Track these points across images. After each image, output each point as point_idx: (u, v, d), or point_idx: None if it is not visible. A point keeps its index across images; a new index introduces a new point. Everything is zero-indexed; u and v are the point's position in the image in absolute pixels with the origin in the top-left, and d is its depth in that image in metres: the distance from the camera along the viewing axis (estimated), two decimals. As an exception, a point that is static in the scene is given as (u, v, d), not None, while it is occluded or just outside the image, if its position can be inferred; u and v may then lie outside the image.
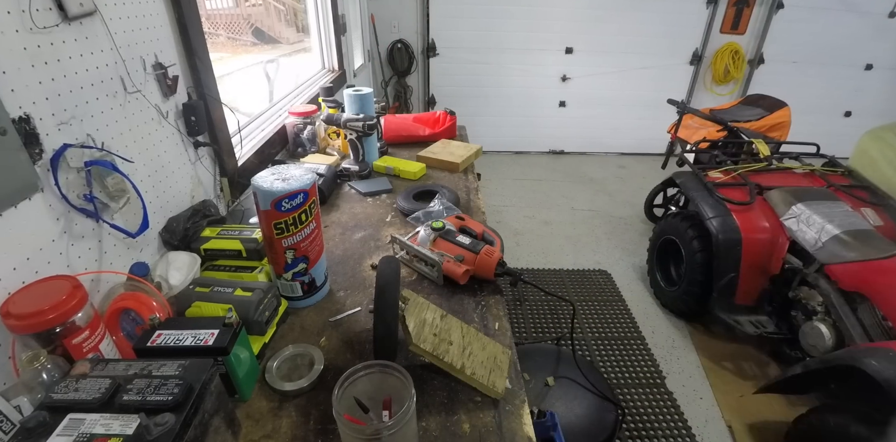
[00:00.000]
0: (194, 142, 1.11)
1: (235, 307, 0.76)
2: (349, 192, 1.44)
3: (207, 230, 1.00)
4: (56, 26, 0.71)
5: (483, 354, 0.78)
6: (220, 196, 1.25)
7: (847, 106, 4.22)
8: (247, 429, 0.69)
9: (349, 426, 0.57)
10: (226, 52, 1.97)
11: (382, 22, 3.79)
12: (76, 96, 0.75)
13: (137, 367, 0.58)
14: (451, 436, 0.69)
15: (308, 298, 0.95)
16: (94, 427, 0.49)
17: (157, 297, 0.79)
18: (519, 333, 2.15)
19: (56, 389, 0.53)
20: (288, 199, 0.81)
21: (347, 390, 0.63)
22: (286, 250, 0.87)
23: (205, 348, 0.66)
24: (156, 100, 0.97)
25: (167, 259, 0.92)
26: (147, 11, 0.93)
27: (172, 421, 0.50)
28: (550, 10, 3.75)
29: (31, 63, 0.67)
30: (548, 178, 3.85)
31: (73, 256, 0.75)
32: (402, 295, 0.79)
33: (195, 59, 1.09)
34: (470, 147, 1.68)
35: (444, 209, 1.23)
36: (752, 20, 3.83)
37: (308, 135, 1.65)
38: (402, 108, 4.10)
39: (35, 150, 0.68)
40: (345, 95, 1.61)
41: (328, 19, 2.43)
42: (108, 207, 0.81)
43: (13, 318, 0.59)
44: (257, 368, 0.78)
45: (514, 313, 2.27)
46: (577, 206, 3.39)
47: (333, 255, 1.12)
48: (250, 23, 2.13)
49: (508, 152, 4.37)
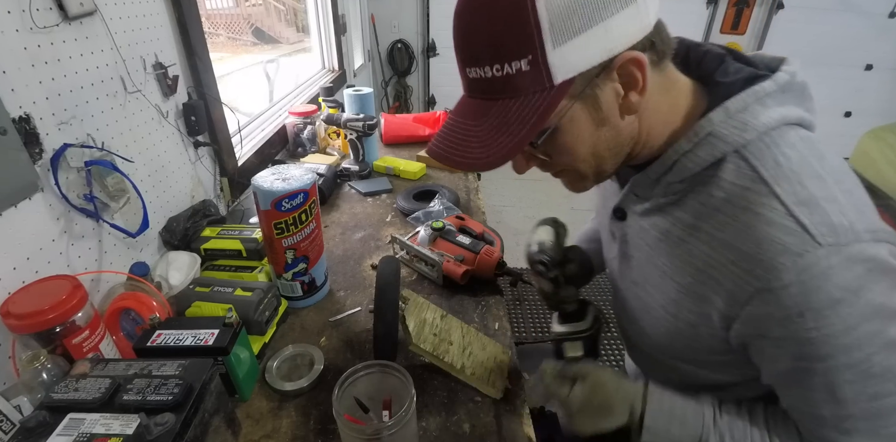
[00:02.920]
0: (194, 142, 1.11)
1: (235, 307, 0.76)
2: (349, 192, 1.44)
3: (207, 230, 1.00)
4: (56, 26, 0.71)
5: (483, 354, 0.78)
6: (220, 196, 1.25)
7: (847, 106, 4.21)
8: (247, 429, 0.69)
9: (349, 426, 0.57)
10: (226, 52, 1.97)
11: (382, 22, 3.79)
12: (76, 96, 0.75)
13: (137, 367, 0.58)
14: (451, 436, 0.69)
15: (308, 298, 0.95)
16: (94, 427, 0.49)
17: (157, 296, 0.79)
18: (519, 333, 2.15)
19: (56, 389, 0.53)
20: (288, 199, 0.81)
21: (347, 390, 0.62)
22: (286, 250, 0.87)
23: (205, 348, 0.66)
24: (156, 100, 0.97)
25: (167, 259, 0.92)
26: (147, 11, 0.93)
27: (172, 421, 0.50)
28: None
29: (31, 63, 0.67)
30: (548, 178, 3.81)
31: (73, 256, 0.75)
32: (402, 295, 0.79)
33: (195, 58, 1.09)
34: (470, 147, 1.68)
35: (444, 209, 1.23)
36: (752, 20, 3.83)
37: (308, 135, 1.65)
38: (402, 108, 4.10)
39: (35, 149, 0.68)
40: (345, 95, 1.61)
41: (328, 19, 2.43)
42: (108, 207, 0.81)
43: (13, 317, 0.59)
44: (257, 368, 0.78)
45: (514, 313, 2.27)
46: (577, 206, 3.39)
47: (333, 255, 1.12)
48: (250, 23, 2.13)
49: (508, 152, 4.37)
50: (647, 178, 0.57)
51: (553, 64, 0.45)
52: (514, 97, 0.48)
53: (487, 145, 0.49)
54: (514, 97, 0.48)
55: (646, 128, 0.54)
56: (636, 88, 0.48)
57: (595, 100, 0.49)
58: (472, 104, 0.52)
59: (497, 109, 0.49)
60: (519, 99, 0.48)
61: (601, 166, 0.56)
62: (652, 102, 0.52)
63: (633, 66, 0.47)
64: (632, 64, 0.47)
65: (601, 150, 0.54)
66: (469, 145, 0.51)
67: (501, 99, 0.49)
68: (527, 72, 0.46)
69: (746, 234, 0.48)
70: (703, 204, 0.52)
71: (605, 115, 0.50)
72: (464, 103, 0.54)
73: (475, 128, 0.51)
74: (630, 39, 0.46)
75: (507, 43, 0.45)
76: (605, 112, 0.50)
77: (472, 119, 0.51)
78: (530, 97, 0.47)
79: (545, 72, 0.46)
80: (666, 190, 0.56)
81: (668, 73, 0.53)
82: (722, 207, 0.50)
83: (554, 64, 0.45)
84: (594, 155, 0.54)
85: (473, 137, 0.50)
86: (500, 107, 0.49)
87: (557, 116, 0.49)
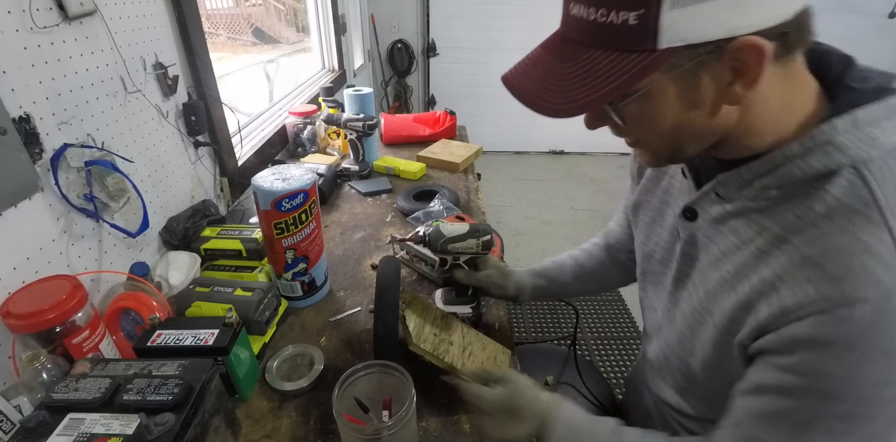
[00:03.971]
0: (194, 142, 1.11)
1: (235, 307, 0.76)
2: (349, 192, 1.44)
3: (207, 230, 1.00)
4: (56, 26, 0.71)
5: (483, 354, 0.78)
6: (220, 196, 1.25)
7: (847, 106, 4.21)
8: (247, 429, 0.69)
9: (349, 426, 0.57)
10: (226, 52, 1.97)
11: (382, 22, 3.79)
12: (76, 96, 0.75)
13: (137, 366, 0.58)
14: (451, 436, 0.69)
15: (308, 298, 0.95)
16: (94, 427, 0.49)
17: (157, 296, 0.79)
18: (519, 333, 2.15)
19: (56, 389, 0.53)
20: (288, 199, 0.81)
21: (347, 390, 0.63)
22: (286, 250, 0.87)
23: (205, 348, 0.66)
24: (156, 99, 0.97)
25: (167, 259, 0.92)
26: (147, 11, 0.93)
27: (172, 421, 0.50)
28: (550, 10, 3.73)
29: (32, 63, 0.67)
30: (548, 178, 3.85)
31: (73, 256, 0.75)
32: (403, 295, 0.79)
33: (195, 58, 1.09)
34: (470, 147, 1.68)
35: (444, 209, 1.23)
36: (752, 20, 3.82)
37: (308, 135, 1.65)
38: (402, 108, 4.10)
39: (35, 149, 0.68)
40: (345, 95, 1.61)
41: (328, 19, 2.43)
42: (108, 207, 0.81)
43: (13, 317, 0.59)
44: (257, 368, 0.78)
45: (514, 313, 2.28)
46: (577, 206, 3.39)
47: (333, 255, 1.12)
48: (250, 23, 2.13)
49: (508, 152, 4.37)
50: (737, 178, 0.51)
51: (663, 26, 0.40)
52: (611, 49, 0.44)
53: (567, 92, 0.45)
54: (611, 49, 0.44)
55: (747, 122, 0.48)
56: (746, 79, 0.43)
57: (695, 79, 0.44)
58: (563, 42, 0.48)
59: (588, 57, 0.45)
60: (615, 53, 0.43)
61: (679, 148, 0.52)
62: (762, 97, 0.46)
63: (752, 54, 0.41)
64: (751, 51, 0.41)
65: (684, 132, 0.49)
66: (549, 87, 0.47)
67: (596, 47, 0.44)
68: (633, 26, 0.41)
69: (839, 255, 0.42)
70: (799, 217, 0.46)
71: (702, 98, 0.45)
72: (555, 40, 0.49)
73: (560, 69, 0.46)
74: (760, 23, 0.40)
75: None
76: (702, 95, 0.45)
77: (559, 58, 0.47)
78: (627, 55, 0.43)
79: (652, 32, 0.41)
80: (757, 194, 0.50)
81: (792, 69, 0.47)
82: (819, 223, 0.45)
83: (664, 26, 0.40)
84: (674, 135, 0.49)
85: (554, 79, 0.46)
86: (592, 55, 0.44)
87: (648, 83, 0.44)
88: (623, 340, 2.15)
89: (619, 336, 2.17)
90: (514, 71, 0.51)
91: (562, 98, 0.46)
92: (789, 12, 0.41)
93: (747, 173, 0.50)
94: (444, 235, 0.82)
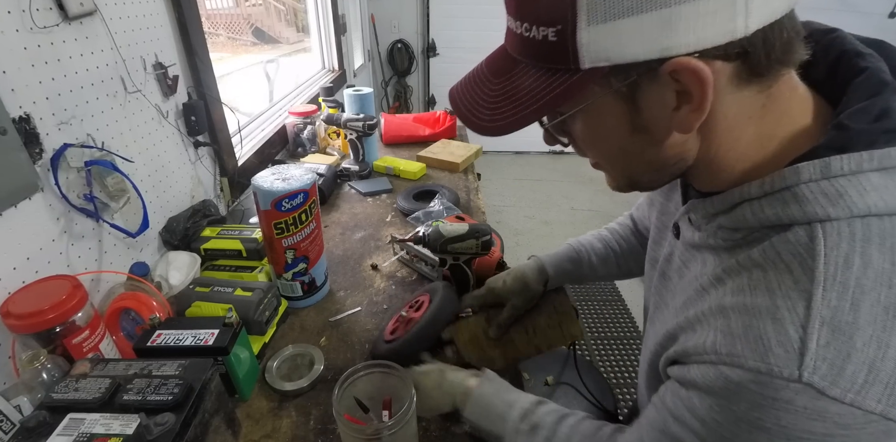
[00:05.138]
0: (194, 142, 1.11)
1: (235, 307, 0.76)
2: (349, 192, 1.44)
3: (207, 230, 1.00)
4: (56, 26, 0.71)
5: (541, 319, 0.78)
6: (220, 196, 1.25)
7: (847, 106, 4.21)
8: (247, 429, 0.69)
9: (349, 426, 0.57)
10: (226, 52, 1.97)
11: (382, 22, 3.79)
12: (76, 96, 0.75)
13: (137, 366, 0.58)
14: (451, 436, 0.69)
15: (308, 298, 0.95)
16: (94, 427, 0.49)
17: (157, 296, 0.79)
18: (519, 333, 2.15)
19: (56, 389, 0.53)
20: (288, 199, 0.81)
21: (347, 390, 0.63)
22: (286, 250, 0.87)
23: (205, 348, 0.66)
24: (156, 100, 0.97)
25: (167, 259, 0.92)
26: (147, 11, 0.93)
27: (172, 421, 0.50)
28: (550, 10, 3.74)
29: (31, 63, 0.67)
30: (548, 178, 3.85)
31: (73, 256, 0.75)
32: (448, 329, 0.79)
33: (195, 58, 1.09)
34: (470, 147, 1.68)
35: (444, 209, 1.23)
36: (752, 20, 3.83)
37: (308, 135, 1.65)
38: (402, 108, 4.10)
39: (35, 149, 0.68)
40: (345, 95, 1.61)
41: (328, 19, 2.43)
42: (108, 207, 0.81)
43: (13, 317, 0.59)
44: (257, 368, 0.78)
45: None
46: (578, 206, 3.39)
47: (333, 255, 1.12)
48: (250, 23, 2.13)
49: (508, 152, 4.37)
50: (702, 210, 0.47)
51: (582, 44, 0.37)
52: (536, 67, 0.41)
53: (495, 109, 0.44)
54: (536, 67, 0.41)
55: (710, 154, 0.43)
56: (692, 105, 0.38)
57: (634, 101, 0.40)
58: (501, 54, 0.46)
59: (518, 71, 0.43)
60: (541, 71, 0.41)
61: (633, 176, 0.49)
62: (726, 126, 0.41)
63: (691, 78, 0.36)
64: (690, 74, 0.36)
65: (633, 158, 0.46)
66: (479, 103, 0.45)
67: (525, 64, 0.42)
68: (553, 43, 0.38)
69: (746, 313, 0.38)
70: (739, 262, 0.42)
71: (646, 123, 0.41)
72: (497, 53, 0.47)
73: (491, 84, 0.45)
74: (698, 42, 0.35)
75: (539, 2, 0.38)
76: (645, 119, 0.41)
77: (493, 73, 0.46)
78: (552, 73, 0.40)
79: (571, 50, 0.37)
80: (716, 232, 0.46)
81: (775, 95, 0.40)
82: (753, 272, 0.40)
83: (582, 44, 0.37)
84: (625, 160, 0.46)
85: (485, 95, 0.45)
86: (521, 70, 0.43)
87: (578, 104, 0.41)
88: (623, 340, 2.15)
89: (619, 336, 2.17)
90: (458, 85, 0.50)
91: (488, 116, 0.44)
92: (739, 30, 0.35)
93: (710, 207, 0.46)
94: (444, 236, 0.82)
